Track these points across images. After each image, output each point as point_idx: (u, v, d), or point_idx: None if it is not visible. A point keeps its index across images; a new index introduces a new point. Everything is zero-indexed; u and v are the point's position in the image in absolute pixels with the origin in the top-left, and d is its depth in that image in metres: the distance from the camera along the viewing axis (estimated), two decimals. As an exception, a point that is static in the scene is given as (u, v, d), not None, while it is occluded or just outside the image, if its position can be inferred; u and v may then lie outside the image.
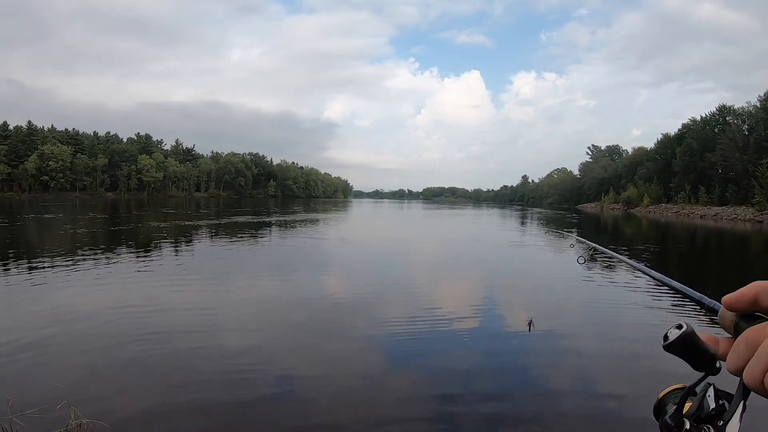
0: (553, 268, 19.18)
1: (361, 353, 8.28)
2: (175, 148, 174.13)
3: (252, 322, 10.07)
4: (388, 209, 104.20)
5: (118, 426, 5.25)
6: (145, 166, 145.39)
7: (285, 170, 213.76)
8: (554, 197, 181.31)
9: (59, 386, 5.87)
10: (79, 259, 17.30)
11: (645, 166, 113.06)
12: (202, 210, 64.35)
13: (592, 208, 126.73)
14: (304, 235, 32.89)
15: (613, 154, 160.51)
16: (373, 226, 49.69)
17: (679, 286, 1.23)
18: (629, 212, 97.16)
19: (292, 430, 5.49)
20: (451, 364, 7.61)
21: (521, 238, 35.32)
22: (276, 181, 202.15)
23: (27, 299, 11.31)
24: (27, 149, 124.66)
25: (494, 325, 10.26)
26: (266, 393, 6.40)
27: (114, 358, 7.54)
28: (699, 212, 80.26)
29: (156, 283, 13.59)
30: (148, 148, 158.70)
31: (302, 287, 14.39)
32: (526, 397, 6.48)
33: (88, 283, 13.36)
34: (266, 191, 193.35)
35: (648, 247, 29.67)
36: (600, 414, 6.06)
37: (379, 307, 11.71)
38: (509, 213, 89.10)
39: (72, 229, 32.76)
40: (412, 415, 5.92)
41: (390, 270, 18.17)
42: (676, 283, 1.26)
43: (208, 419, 5.65)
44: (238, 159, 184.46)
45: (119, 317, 9.88)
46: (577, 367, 7.74)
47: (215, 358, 7.67)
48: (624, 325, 10.47)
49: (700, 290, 0.77)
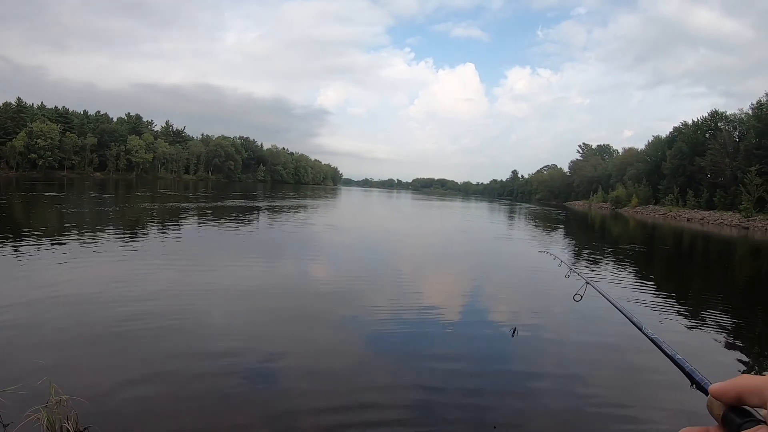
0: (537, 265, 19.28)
1: (345, 341, 8.31)
2: (165, 130, 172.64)
3: (236, 305, 10.08)
4: (376, 198, 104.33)
5: (98, 403, 5.24)
6: (134, 146, 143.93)
7: (275, 155, 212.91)
8: (543, 193, 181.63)
9: (40, 363, 5.85)
10: (64, 238, 17.23)
11: (635, 167, 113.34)
12: (190, 193, 64.17)
13: (581, 205, 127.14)
14: (292, 221, 32.82)
15: (603, 154, 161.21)
16: (361, 214, 49.72)
17: (672, 352, 1.21)
18: (617, 212, 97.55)
19: (272, 414, 5.51)
20: (433, 355, 7.63)
21: (508, 233, 35.42)
22: (266, 166, 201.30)
23: (10, 276, 11.25)
24: (15, 126, 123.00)
25: (478, 317, 10.31)
26: (247, 376, 6.40)
27: (96, 336, 7.52)
28: (686, 215, 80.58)
29: (141, 264, 13.52)
30: (138, 128, 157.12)
31: (287, 273, 14.41)
32: (506, 391, 6.52)
33: (72, 261, 13.29)
34: (255, 176, 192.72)
35: (634, 247, 29.84)
36: (580, 414, 6.10)
37: (364, 296, 11.74)
38: (497, 207, 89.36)
39: (59, 207, 32.60)
40: (393, 402, 5.96)
41: (376, 259, 18.23)
42: (669, 349, 1.25)
43: (187, 400, 5.65)
44: (229, 143, 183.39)
45: (103, 296, 9.85)
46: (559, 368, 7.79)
47: (197, 340, 7.67)
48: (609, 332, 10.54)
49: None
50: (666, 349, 1.26)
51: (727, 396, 0.75)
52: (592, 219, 67.02)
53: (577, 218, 65.12)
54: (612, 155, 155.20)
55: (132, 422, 5.14)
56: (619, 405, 6.22)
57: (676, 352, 1.20)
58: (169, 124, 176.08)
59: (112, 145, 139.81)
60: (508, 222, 47.71)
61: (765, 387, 0.71)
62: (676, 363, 1.16)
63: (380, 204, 77.28)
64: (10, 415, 4.77)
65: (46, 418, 4.48)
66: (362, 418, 5.55)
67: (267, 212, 38.59)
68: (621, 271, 18.35)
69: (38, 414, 4.52)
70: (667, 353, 1.23)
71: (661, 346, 1.32)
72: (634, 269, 19.13)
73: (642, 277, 17.42)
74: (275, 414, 5.51)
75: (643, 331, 1.55)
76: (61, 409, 4.67)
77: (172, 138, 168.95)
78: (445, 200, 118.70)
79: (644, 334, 1.52)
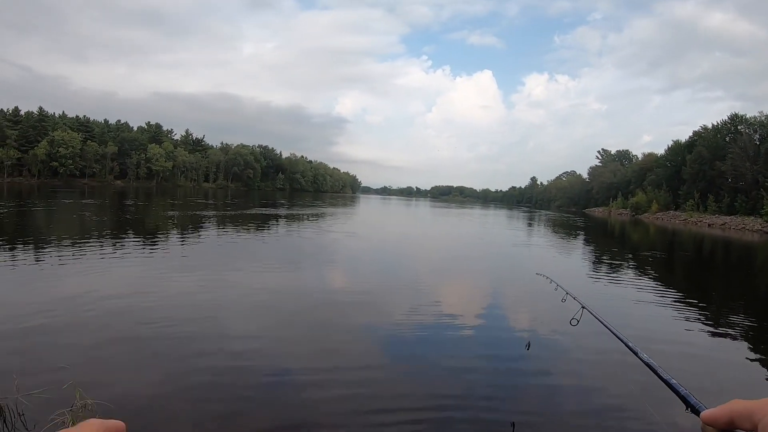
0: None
1: (362, 348, 8.33)
2: (185, 138, 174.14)
3: (255, 312, 10.14)
4: (395, 206, 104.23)
5: (123, 407, 5.32)
6: (154, 155, 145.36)
7: (294, 164, 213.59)
8: (562, 200, 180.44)
9: (65, 367, 5.95)
10: (87, 245, 17.43)
11: (654, 173, 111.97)
12: (210, 200, 64.55)
13: (600, 212, 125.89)
14: (311, 228, 32.97)
15: (623, 159, 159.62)
16: (381, 222, 49.73)
17: (667, 377, 1.22)
18: (637, 218, 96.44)
19: (291, 420, 5.55)
20: (450, 365, 7.63)
21: (528, 240, 35.27)
22: (284, 174, 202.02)
23: (36, 282, 11.41)
24: (37, 135, 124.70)
25: (495, 329, 10.11)
26: (267, 382, 6.46)
27: (120, 341, 7.63)
28: (707, 221, 79.67)
29: (163, 270, 13.68)
30: (158, 137, 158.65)
31: (307, 279, 14.46)
32: (523, 407, 6.43)
33: (96, 268, 13.46)
34: (274, 184, 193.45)
35: (654, 254, 29.62)
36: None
37: (382, 303, 11.76)
38: (516, 215, 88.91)
39: (82, 215, 32.95)
40: (408, 411, 5.96)
41: (394, 266, 18.26)
42: (664, 373, 1.25)
43: (209, 404, 5.72)
44: (248, 151, 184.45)
45: (126, 302, 9.98)
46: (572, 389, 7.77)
47: (219, 345, 7.75)
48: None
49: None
50: (661, 373, 1.26)
51: (719, 422, 0.75)
52: (612, 226, 66.37)
53: (597, 225, 64.54)
54: (631, 161, 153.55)
55: (155, 426, 5.21)
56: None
57: (671, 377, 1.19)
58: (189, 133, 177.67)
59: (132, 154, 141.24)
60: (527, 230, 47.38)
61: (755, 411, 0.71)
62: (671, 387, 1.15)
63: (399, 212, 77.13)
64: (35, 419, 4.86)
65: (71, 421, 4.54)
66: (377, 422, 5.59)
67: (286, 220, 38.78)
68: (641, 276, 18.24)
69: (63, 417, 4.59)
70: (662, 377, 1.22)
71: (656, 370, 1.31)
72: (654, 275, 18.98)
73: (662, 283, 17.26)
74: (294, 420, 5.55)
75: (639, 356, 1.54)
76: (86, 412, 4.74)
77: (191, 146, 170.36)
78: (464, 208, 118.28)
79: (640, 359, 1.52)
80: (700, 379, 7.48)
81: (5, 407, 4.95)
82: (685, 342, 9.73)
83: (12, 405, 4.98)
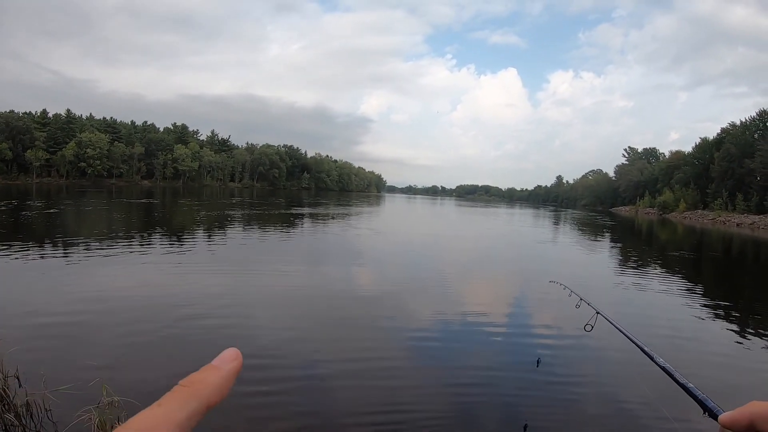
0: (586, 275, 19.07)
1: (386, 347, 8.36)
2: (211, 139, 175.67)
3: (281, 309, 10.28)
4: (420, 205, 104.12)
5: (149, 404, 5.38)
6: (180, 155, 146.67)
7: (319, 163, 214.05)
8: (588, 199, 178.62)
9: (92, 364, 6.05)
10: (114, 243, 17.66)
11: (682, 171, 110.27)
12: (236, 200, 65.01)
13: (627, 211, 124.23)
14: (337, 226, 33.13)
15: (650, 157, 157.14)
16: (407, 220, 49.76)
17: (684, 381, 1.20)
18: (664, 217, 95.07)
19: (315, 415, 5.62)
20: (473, 364, 7.63)
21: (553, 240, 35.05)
22: (310, 174, 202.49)
23: (63, 280, 11.61)
24: (65, 136, 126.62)
25: (513, 334, 9.85)
26: (291, 380, 6.53)
27: (146, 338, 7.75)
28: (735, 220, 78.27)
29: (190, 268, 13.87)
30: (184, 138, 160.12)
31: (333, 278, 14.57)
32: (536, 411, 6.31)
33: (123, 266, 13.71)
34: (300, 183, 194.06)
35: (682, 254, 29.27)
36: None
37: (407, 302, 11.80)
38: (542, 213, 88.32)
39: (110, 214, 33.40)
40: (429, 410, 5.99)
41: (420, 265, 18.29)
42: (681, 377, 1.23)
43: (235, 403, 5.78)
44: (273, 151, 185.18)
45: (152, 300, 10.15)
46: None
47: (244, 343, 7.81)
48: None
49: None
50: (678, 377, 1.24)
51: (738, 424, 0.73)
52: (639, 225, 65.51)
53: (624, 225, 63.72)
54: (658, 158, 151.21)
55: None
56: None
57: (688, 381, 1.18)
58: (215, 133, 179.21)
59: (159, 154, 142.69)
60: (553, 230, 47.02)
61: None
62: (688, 391, 1.14)
63: (424, 211, 76.98)
64: (62, 415, 4.95)
65: (98, 419, 4.61)
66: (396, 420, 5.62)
67: (312, 219, 39.03)
68: (670, 275, 18.05)
69: (90, 414, 4.65)
70: (679, 381, 1.21)
71: (673, 374, 1.30)
72: (682, 276, 18.78)
73: (691, 284, 17.06)
74: (319, 416, 5.62)
75: (655, 360, 1.53)
76: (112, 410, 4.82)
77: (217, 147, 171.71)
78: (490, 207, 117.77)
79: (656, 363, 1.52)
80: (722, 384, 7.40)
81: (33, 403, 5.04)
82: (708, 346, 9.64)
83: (39, 401, 5.07)
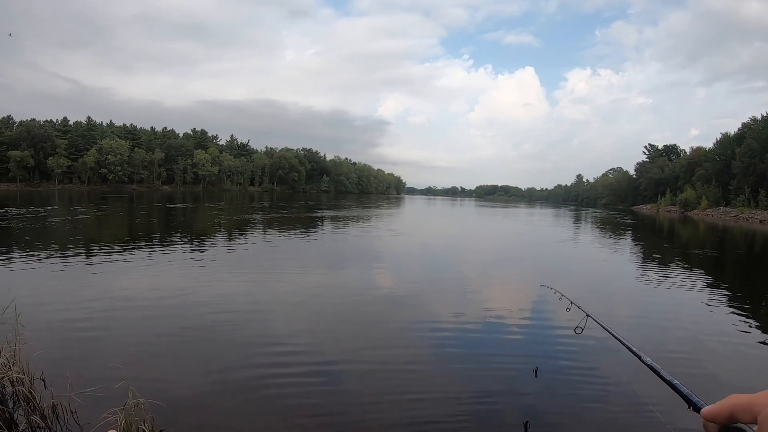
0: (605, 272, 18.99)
1: (406, 348, 8.38)
2: (230, 143, 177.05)
3: (303, 310, 10.39)
4: (440, 206, 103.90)
5: (175, 406, 5.50)
6: (200, 160, 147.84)
7: (338, 166, 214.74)
8: (609, 198, 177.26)
9: (118, 366, 6.13)
10: (139, 247, 17.89)
11: (703, 167, 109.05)
12: (256, 203, 65.35)
13: (648, 209, 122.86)
14: (357, 228, 33.20)
15: (670, 154, 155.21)
16: (426, 222, 49.75)
17: (669, 377, 1.24)
18: (686, 215, 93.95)
19: (335, 416, 5.68)
20: (492, 367, 7.62)
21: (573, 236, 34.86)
22: (329, 177, 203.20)
23: (90, 283, 11.78)
24: (86, 143, 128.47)
25: (542, 333, 9.92)
26: (312, 383, 6.58)
27: (171, 341, 7.88)
28: (758, 217, 77.19)
29: (213, 272, 14.04)
30: (204, 143, 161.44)
31: (353, 279, 14.71)
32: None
33: (148, 269, 13.91)
34: (319, 186, 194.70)
35: (705, 252, 29.00)
36: None
37: (427, 304, 11.83)
38: (562, 213, 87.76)
39: (131, 219, 33.72)
40: (448, 412, 6.00)
41: (440, 267, 18.24)
42: (666, 374, 1.27)
43: (257, 405, 5.86)
44: (292, 154, 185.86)
45: (176, 303, 10.29)
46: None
47: (268, 345, 7.96)
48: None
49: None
50: (664, 374, 1.28)
51: (720, 417, 0.77)
52: (660, 223, 64.75)
53: (646, 224, 62.96)
54: (679, 155, 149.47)
55: (206, 426, 5.37)
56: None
57: (673, 377, 1.21)
58: (234, 138, 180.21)
59: (179, 160, 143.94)
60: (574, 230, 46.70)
61: (754, 403, 0.73)
62: (674, 387, 1.18)
63: (444, 212, 76.82)
64: (87, 416, 5.05)
65: (123, 420, 4.69)
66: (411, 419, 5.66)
67: (333, 221, 39.16)
68: (690, 274, 17.89)
69: (115, 416, 4.72)
70: (665, 378, 1.25)
71: (659, 372, 1.34)
72: (704, 273, 18.60)
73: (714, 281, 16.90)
74: (339, 417, 5.66)
75: (642, 359, 1.56)
76: (138, 412, 4.89)
77: (236, 151, 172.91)
78: (509, 207, 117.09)
79: (643, 362, 1.55)
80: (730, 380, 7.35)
81: (59, 405, 5.14)
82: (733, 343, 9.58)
83: (65, 403, 5.17)
